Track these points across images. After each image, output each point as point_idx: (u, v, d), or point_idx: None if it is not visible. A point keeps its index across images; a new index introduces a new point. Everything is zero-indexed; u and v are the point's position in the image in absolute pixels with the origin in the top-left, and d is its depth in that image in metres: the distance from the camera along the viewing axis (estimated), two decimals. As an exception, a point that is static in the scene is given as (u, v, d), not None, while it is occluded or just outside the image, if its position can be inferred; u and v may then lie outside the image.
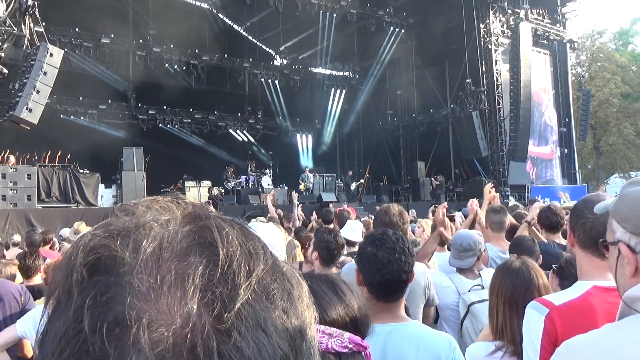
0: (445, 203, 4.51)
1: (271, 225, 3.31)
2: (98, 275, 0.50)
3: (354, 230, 4.76)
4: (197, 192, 19.41)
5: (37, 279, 4.89)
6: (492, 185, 5.56)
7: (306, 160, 28.16)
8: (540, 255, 3.91)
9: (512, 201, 17.52)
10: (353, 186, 22.56)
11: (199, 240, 0.53)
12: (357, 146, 30.50)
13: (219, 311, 0.49)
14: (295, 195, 11.57)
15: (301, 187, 21.10)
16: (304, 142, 29.19)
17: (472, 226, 5.11)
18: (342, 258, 4.13)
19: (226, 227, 0.56)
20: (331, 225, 6.59)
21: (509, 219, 5.29)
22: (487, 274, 3.84)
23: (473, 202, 5.36)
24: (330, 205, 15.46)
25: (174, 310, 0.49)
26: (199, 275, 0.51)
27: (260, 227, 3.02)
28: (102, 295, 0.49)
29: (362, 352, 0.71)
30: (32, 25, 15.37)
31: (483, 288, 3.71)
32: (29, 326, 3.51)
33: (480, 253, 3.90)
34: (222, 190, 19.65)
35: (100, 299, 0.49)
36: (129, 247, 0.52)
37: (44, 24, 16.76)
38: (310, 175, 21.71)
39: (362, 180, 23.95)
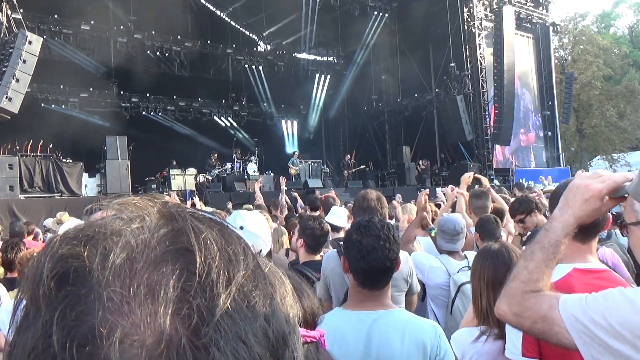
0: (427, 190, 4.60)
1: (257, 213, 3.29)
2: (67, 287, 0.48)
3: (339, 216, 4.77)
4: (182, 180, 19.31)
5: (19, 272, 4.86)
6: (472, 174, 5.69)
7: (291, 147, 28.07)
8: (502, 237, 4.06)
9: (496, 185, 17.68)
10: (346, 173, 22.56)
11: (175, 246, 0.50)
12: (342, 132, 30.58)
13: (196, 325, 0.47)
14: (283, 180, 11.39)
15: (291, 171, 21.06)
16: (289, 128, 29.17)
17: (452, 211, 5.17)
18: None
19: (204, 231, 0.52)
20: (317, 212, 6.64)
21: (495, 203, 5.35)
22: (471, 256, 3.96)
23: (453, 189, 5.40)
24: (317, 191, 15.49)
25: (147, 325, 0.46)
26: (171, 286, 0.48)
27: (246, 215, 3.05)
28: (71, 309, 0.46)
29: (316, 342, 0.69)
30: (9, 12, 15.12)
31: (470, 269, 3.81)
32: (3, 317, 3.49)
33: (465, 236, 4.04)
34: (209, 178, 19.60)
35: (69, 313, 0.46)
36: (97, 256, 0.49)
37: (21, 10, 16.48)
38: (299, 160, 21.76)
39: (363, 166, 23.89)
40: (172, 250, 0.50)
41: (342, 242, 2.49)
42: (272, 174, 20.81)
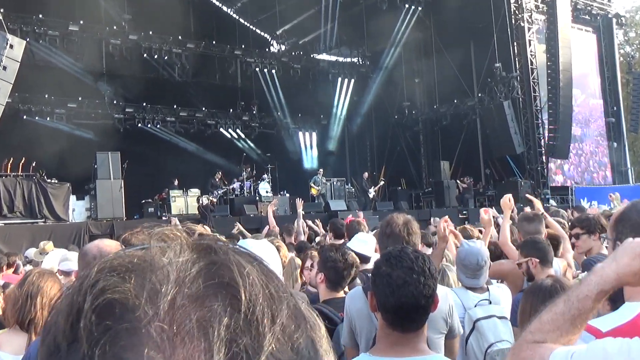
0: (447, 216, 4.58)
1: (265, 242, 3.33)
2: (108, 321, 0.51)
3: (365, 244, 4.79)
4: (184, 202, 19.54)
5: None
6: (512, 196, 5.60)
7: (310, 162, 28.36)
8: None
9: (552, 206, 17.47)
10: (372, 192, 22.74)
11: (217, 280, 0.54)
12: (369, 145, 30.57)
13: None
14: (300, 203, 11.42)
15: (313, 191, 21.30)
16: (307, 141, 29.41)
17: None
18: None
19: (246, 265, 0.57)
20: (342, 240, 6.60)
21: (550, 229, 5.29)
22: (495, 288, 4.16)
23: (487, 211, 5.41)
24: (340, 214, 15.63)
25: None
26: (224, 324, 0.51)
27: (252, 245, 3.08)
28: (113, 345, 0.49)
29: None
30: (-12, 13, 15.40)
31: (490, 303, 3.93)
32: None
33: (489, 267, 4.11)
34: (214, 200, 19.78)
35: (111, 349, 0.49)
36: (144, 289, 0.53)
37: (1, 10, 16.78)
38: (323, 179, 21.92)
39: (382, 183, 24.24)
40: (215, 285, 0.54)
41: (369, 275, 2.52)
42: (287, 195, 20.94)
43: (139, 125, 24.11)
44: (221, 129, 26.57)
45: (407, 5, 25.75)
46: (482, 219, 5.35)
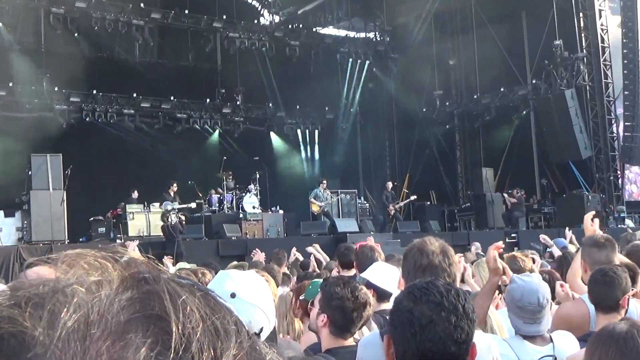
0: (500, 242, 4.57)
1: (253, 274, 3.33)
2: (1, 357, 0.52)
3: (385, 274, 4.79)
4: (144, 220, 19.50)
5: None
6: (594, 214, 5.70)
7: (310, 170, 28.21)
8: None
9: (629, 227, 17.34)
10: (392, 209, 22.72)
11: (144, 312, 0.56)
12: (389, 146, 30.34)
13: None
14: (315, 249, 11.38)
15: (314, 208, 21.51)
16: (307, 142, 29.31)
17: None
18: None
19: (183, 294, 0.59)
20: (352, 272, 6.68)
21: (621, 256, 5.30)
22: (560, 338, 4.03)
23: (564, 287, 5.36)
24: (350, 238, 15.79)
25: None
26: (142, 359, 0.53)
27: (238, 278, 3.08)
28: None
29: None
30: None
31: (555, 359, 3.85)
32: None
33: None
34: (183, 217, 19.55)
35: None
36: (42, 320, 0.54)
37: None
38: (327, 192, 22.07)
39: (412, 198, 24.10)
40: (141, 317, 0.56)
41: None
42: (280, 212, 20.93)
43: (87, 119, 23.83)
44: (195, 125, 26.21)
45: (439, -36, 25.84)
46: (558, 293, 5.28)
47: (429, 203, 25.53)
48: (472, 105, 27.91)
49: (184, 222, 19.15)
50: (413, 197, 23.99)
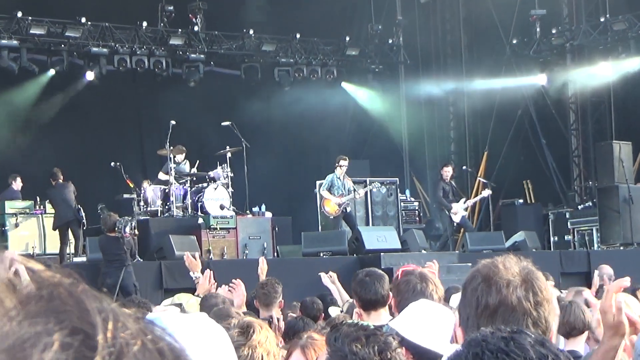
0: (628, 279, 3.82)
1: (204, 319, 2.63)
2: None
3: (430, 322, 4.25)
4: (36, 226, 17.69)
5: None
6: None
7: (319, 141, 23.87)
8: None
9: None
10: (458, 210, 19.61)
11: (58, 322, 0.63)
12: (453, 106, 26.41)
13: None
14: (329, 278, 10.08)
15: (327, 207, 18.71)
16: (313, 94, 24.02)
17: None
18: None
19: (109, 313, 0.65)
20: (382, 315, 6.39)
21: None
22: None
23: None
24: (385, 260, 15.53)
25: None
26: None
27: (174, 326, 2.23)
28: None
29: None
30: None
31: None
32: None
33: None
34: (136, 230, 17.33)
35: None
36: None
37: None
38: (348, 180, 18.86)
39: (485, 193, 20.68)
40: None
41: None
42: (267, 214, 18.93)
43: None
44: (121, 66, 21.95)
45: None
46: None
47: (521, 201, 22.16)
48: (596, 34, 23.30)
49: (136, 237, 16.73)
50: (486, 193, 20.49)
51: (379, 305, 6.29)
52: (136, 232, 16.75)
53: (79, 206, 17.39)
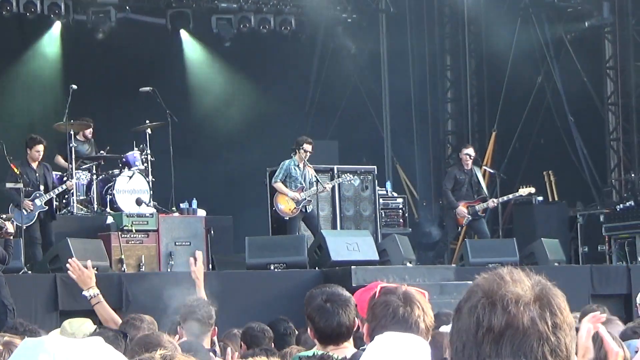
0: (601, 314, 4.13)
1: (90, 343, 2.40)
2: None
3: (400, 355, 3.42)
4: None
5: None
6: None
7: (272, 116, 22.32)
8: None
9: None
10: (467, 212, 18.12)
11: None
12: (451, 70, 24.16)
13: None
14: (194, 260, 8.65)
15: (281, 203, 17.30)
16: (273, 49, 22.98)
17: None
18: None
19: None
20: (345, 348, 5.77)
21: None
22: None
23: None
24: (357, 276, 14.71)
25: None
26: None
27: (54, 350, 2.24)
28: None
29: None
30: None
31: None
32: None
33: None
34: (10, 226, 14.84)
35: None
36: None
37: None
38: (310, 169, 17.46)
39: (513, 193, 19.20)
40: None
41: None
42: (200, 212, 17.68)
43: None
44: (3, 12, 20.14)
45: None
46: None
47: (540, 199, 19.88)
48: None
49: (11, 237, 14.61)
50: (525, 191, 18.94)
51: (342, 338, 5.63)
52: (9, 228, 14.44)
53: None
